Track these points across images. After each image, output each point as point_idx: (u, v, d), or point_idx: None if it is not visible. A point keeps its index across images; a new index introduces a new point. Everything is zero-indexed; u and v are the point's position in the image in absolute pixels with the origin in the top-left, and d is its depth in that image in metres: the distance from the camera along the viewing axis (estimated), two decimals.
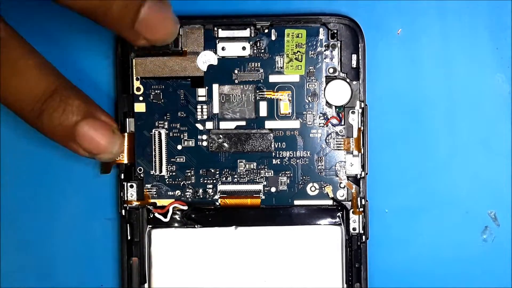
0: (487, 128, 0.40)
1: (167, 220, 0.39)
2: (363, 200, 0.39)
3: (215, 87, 0.39)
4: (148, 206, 0.39)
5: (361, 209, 0.39)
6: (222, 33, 0.39)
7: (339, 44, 0.39)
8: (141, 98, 0.39)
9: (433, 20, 0.40)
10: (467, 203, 0.40)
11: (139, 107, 0.39)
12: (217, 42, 0.39)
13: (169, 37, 0.34)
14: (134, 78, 0.39)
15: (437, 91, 0.40)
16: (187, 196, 0.39)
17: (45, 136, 0.35)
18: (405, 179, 0.40)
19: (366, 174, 0.39)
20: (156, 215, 0.39)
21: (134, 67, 0.39)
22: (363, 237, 0.39)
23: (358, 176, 0.39)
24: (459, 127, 0.40)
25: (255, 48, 0.39)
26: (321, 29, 0.39)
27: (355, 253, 0.39)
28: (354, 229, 0.39)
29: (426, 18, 0.40)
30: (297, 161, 0.39)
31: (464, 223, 0.40)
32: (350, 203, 0.39)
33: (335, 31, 0.39)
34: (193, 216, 0.39)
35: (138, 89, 0.39)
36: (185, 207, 0.39)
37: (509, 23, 0.39)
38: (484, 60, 0.40)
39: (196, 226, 0.39)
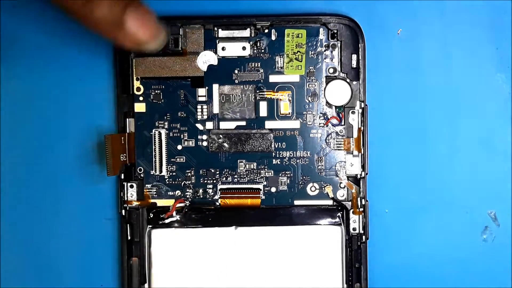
0: (487, 128, 0.40)
1: (176, 218, 0.39)
2: (363, 200, 0.39)
3: (215, 87, 0.39)
4: (161, 215, 0.39)
5: (361, 209, 0.39)
6: (222, 33, 0.39)
7: (339, 44, 0.39)
8: (141, 98, 0.39)
9: (433, 20, 0.40)
10: (467, 203, 0.40)
11: (139, 107, 0.39)
12: (217, 42, 0.39)
13: (152, 42, 0.34)
14: (134, 78, 0.39)
15: (437, 91, 0.40)
16: (187, 196, 0.39)
17: (90, 26, 0.33)
18: (405, 179, 0.40)
19: (366, 174, 0.39)
20: (166, 221, 0.39)
21: (134, 67, 0.39)
22: (363, 237, 0.39)
23: (358, 176, 0.39)
24: (459, 127, 0.40)
25: (255, 48, 0.39)
26: (321, 29, 0.39)
27: (355, 253, 0.39)
28: (354, 229, 0.39)
29: (426, 18, 0.40)
30: (297, 161, 0.39)
31: (464, 223, 0.40)
32: (350, 203, 0.39)
33: (335, 31, 0.39)
34: (193, 216, 0.39)
35: (138, 89, 0.39)
36: (182, 204, 0.39)
37: (509, 23, 0.39)
38: (484, 60, 0.40)
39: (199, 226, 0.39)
